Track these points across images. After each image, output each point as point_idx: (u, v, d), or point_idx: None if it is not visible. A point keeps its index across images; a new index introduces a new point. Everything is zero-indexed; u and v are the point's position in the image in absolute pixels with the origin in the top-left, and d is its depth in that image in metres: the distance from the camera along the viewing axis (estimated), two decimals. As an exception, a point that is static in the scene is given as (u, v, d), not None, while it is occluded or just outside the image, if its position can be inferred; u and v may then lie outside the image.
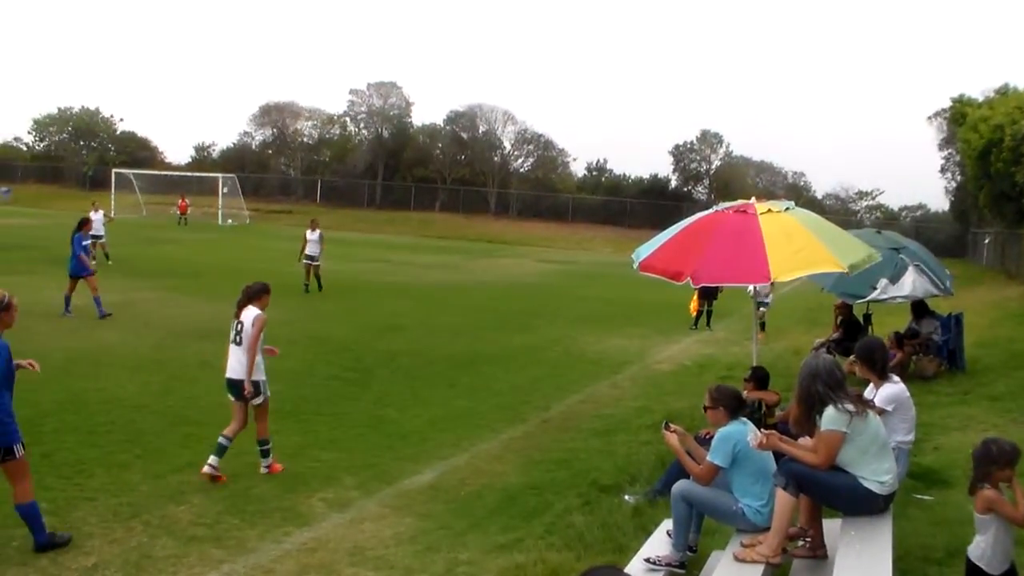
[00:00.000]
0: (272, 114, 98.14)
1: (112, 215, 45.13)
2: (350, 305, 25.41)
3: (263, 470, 10.76)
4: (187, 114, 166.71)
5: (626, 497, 9.74)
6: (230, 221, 68.80)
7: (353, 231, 67.06)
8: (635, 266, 10.47)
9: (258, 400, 10.63)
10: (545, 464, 11.56)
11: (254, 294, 11.14)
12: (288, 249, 35.63)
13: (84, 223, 21.78)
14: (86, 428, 11.94)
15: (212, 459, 10.33)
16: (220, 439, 10.47)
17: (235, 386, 10.61)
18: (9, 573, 7.78)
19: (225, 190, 72.16)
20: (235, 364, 10.66)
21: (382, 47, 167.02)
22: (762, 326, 21.71)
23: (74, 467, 10.37)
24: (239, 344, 10.72)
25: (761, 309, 21.69)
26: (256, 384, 10.59)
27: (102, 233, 34.24)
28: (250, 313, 10.87)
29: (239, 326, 10.82)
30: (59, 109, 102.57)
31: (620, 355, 20.02)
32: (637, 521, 8.89)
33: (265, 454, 10.77)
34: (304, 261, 28.11)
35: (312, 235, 28.09)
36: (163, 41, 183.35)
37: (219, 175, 74.05)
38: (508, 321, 24.54)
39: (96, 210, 35.36)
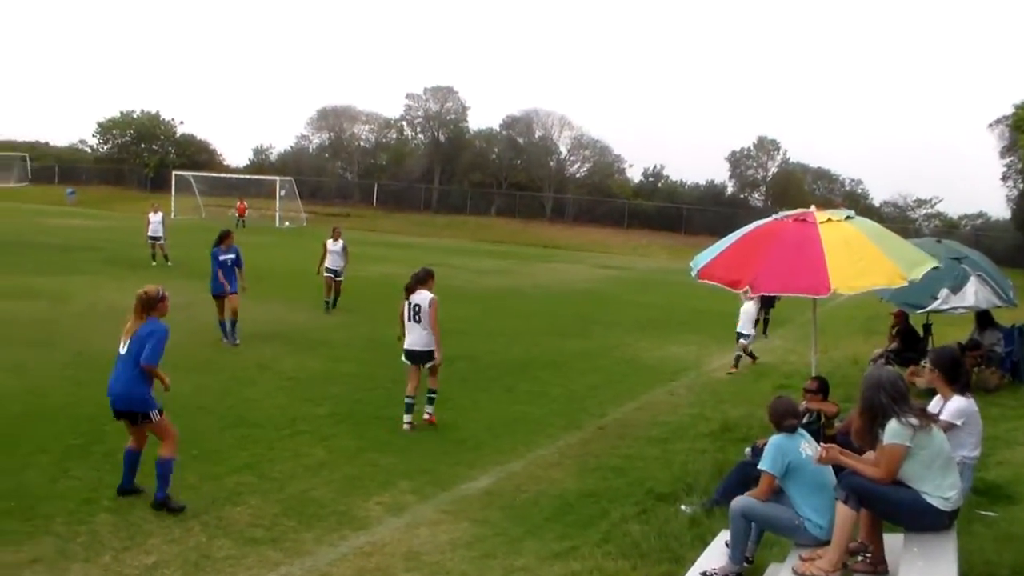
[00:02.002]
0: (329, 118, 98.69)
1: (172, 216, 45.59)
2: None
3: (425, 416, 13.24)
4: (245, 117, 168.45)
5: (683, 507, 9.68)
6: (287, 224, 69.29)
7: (410, 235, 67.32)
8: (694, 274, 10.39)
9: (434, 364, 13.06)
10: (601, 471, 11.52)
11: (422, 279, 13.17)
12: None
13: (224, 236, 19.51)
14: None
15: (407, 417, 12.88)
16: (406, 400, 12.98)
17: (417, 355, 13.02)
18: (73, 568, 7.87)
19: (283, 193, 72.64)
20: (416, 339, 12.99)
21: (439, 52, 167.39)
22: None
23: (135, 467, 10.47)
24: (419, 322, 12.94)
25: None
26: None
27: (161, 234, 34.59)
28: (424, 296, 12.96)
29: (416, 307, 12.94)
30: (122, 113, 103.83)
31: (676, 362, 19.92)
32: (694, 531, 8.83)
33: (431, 401, 13.25)
34: (325, 274, 24.64)
35: (334, 246, 24.73)
36: (222, 46, 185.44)
37: (276, 178, 74.53)
38: (564, 327, 24.49)
39: (156, 211, 35.73)
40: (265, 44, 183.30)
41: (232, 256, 18.94)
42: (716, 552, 7.65)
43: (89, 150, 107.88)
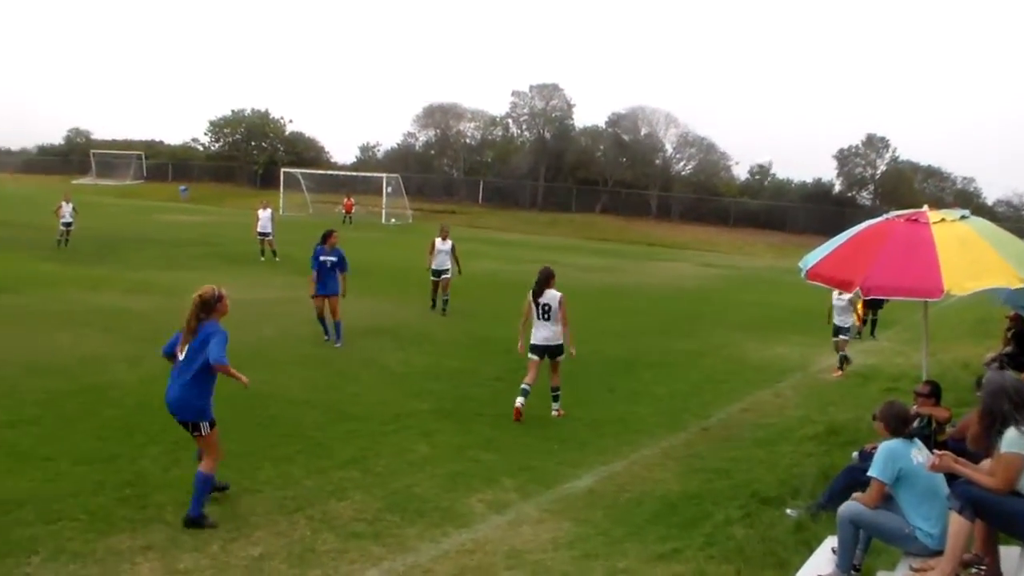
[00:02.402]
0: (436, 115, 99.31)
1: (281, 213, 46.28)
2: (512, 306, 25.35)
3: (554, 413, 13.71)
4: (352, 115, 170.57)
5: (788, 511, 9.52)
6: (394, 220, 69.91)
7: (514, 232, 67.47)
8: (803, 274, 10.21)
9: (561, 358, 13.71)
10: (705, 473, 11.39)
11: (548, 279, 13.64)
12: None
13: (327, 236, 18.99)
14: (253, 421, 12.27)
15: (520, 400, 13.31)
16: (523, 387, 13.44)
17: (548, 350, 13.64)
18: (184, 557, 8.04)
19: (389, 190, 73.32)
20: (548, 334, 13.61)
21: (544, 49, 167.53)
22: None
23: (242, 459, 10.62)
24: (548, 320, 13.57)
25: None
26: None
27: (270, 230, 35.20)
28: (553, 295, 13.55)
29: (546, 307, 13.54)
30: (232, 111, 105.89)
31: (782, 363, 19.65)
32: (799, 536, 8.68)
33: (556, 399, 13.83)
34: (432, 277, 23.88)
35: (443, 244, 23.80)
36: (331, 45, 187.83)
37: (383, 175, 75.28)
38: (669, 325, 24.33)
39: (265, 208, 36.35)
40: (372, 43, 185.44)
41: (334, 258, 18.54)
42: (822, 558, 7.51)
43: (201, 148, 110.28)
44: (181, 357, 8.95)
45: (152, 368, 15.01)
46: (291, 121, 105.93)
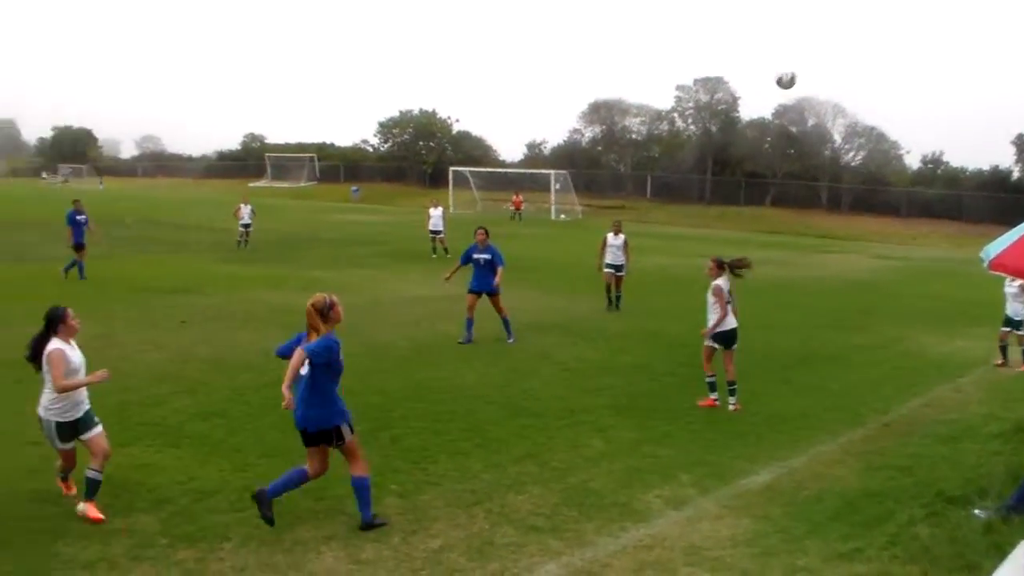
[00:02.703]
0: (601, 111, 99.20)
1: (451, 211, 46.92)
2: (683, 300, 25.08)
3: (731, 408, 13.63)
4: (519, 113, 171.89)
5: (976, 511, 9.22)
6: (563, 216, 70.16)
7: (682, 226, 66.93)
8: (985, 264, 9.86)
9: (736, 346, 13.82)
10: (886, 470, 11.09)
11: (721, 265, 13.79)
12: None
13: (475, 233, 18.71)
14: (430, 416, 12.52)
15: (714, 395, 13.76)
16: (708, 379, 13.83)
17: (732, 337, 13.76)
18: (366, 548, 8.26)
19: (557, 186, 73.59)
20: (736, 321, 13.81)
21: (708, 42, 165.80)
22: None
23: (420, 452, 10.90)
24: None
25: None
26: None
27: (441, 228, 35.78)
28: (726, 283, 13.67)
29: (731, 293, 13.71)
30: (400, 112, 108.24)
31: (962, 357, 18.98)
32: (989, 538, 8.41)
33: (733, 392, 13.73)
34: (606, 270, 23.33)
35: (615, 240, 23.36)
36: (496, 44, 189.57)
37: (551, 172, 75.55)
38: (842, 319, 23.79)
39: (435, 206, 36.98)
40: (537, 41, 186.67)
41: (487, 256, 18.25)
42: (1018, 564, 7.21)
43: (371, 149, 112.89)
44: (304, 372, 8.91)
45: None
46: (458, 120, 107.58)
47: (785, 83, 15.23)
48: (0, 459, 9.71)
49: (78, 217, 26.39)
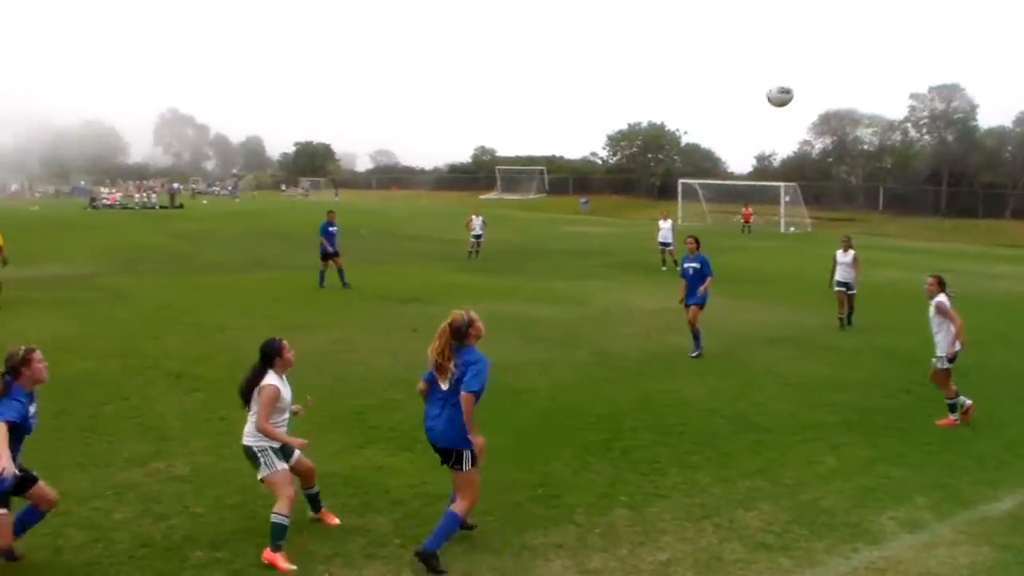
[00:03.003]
0: (832, 122, 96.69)
1: (679, 223, 46.70)
2: (916, 316, 23.88)
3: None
4: (747, 125, 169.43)
5: None
6: (792, 229, 68.73)
7: (916, 240, 64.38)
8: None
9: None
10: None
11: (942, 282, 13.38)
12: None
13: (686, 240, 18.71)
14: (660, 428, 12.48)
15: (954, 415, 13.20)
16: (948, 401, 13.26)
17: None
18: (593, 557, 8.31)
19: (787, 199, 72.17)
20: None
21: (944, 48, 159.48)
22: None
23: (650, 464, 10.88)
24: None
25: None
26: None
27: (670, 240, 35.62)
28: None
29: None
30: (629, 125, 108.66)
31: None
32: None
33: (952, 408, 13.27)
34: (836, 288, 22.51)
35: (844, 257, 22.55)
36: (723, 55, 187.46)
37: (780, 184, 74.16)
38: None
39: (665, 219, 36.87)
40: (767, 51, 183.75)
41: (696, 264, 18.03)
42: None
43: (600, 162, 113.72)
44: (445, 387, 8.55)
45: (562, 374, 15.73)
46: (686, 133, 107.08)
47: (775, 100, 14.11)
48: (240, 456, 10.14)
49: (331, 228, 27.45)
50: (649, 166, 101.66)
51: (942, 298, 13.04)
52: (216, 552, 8.28)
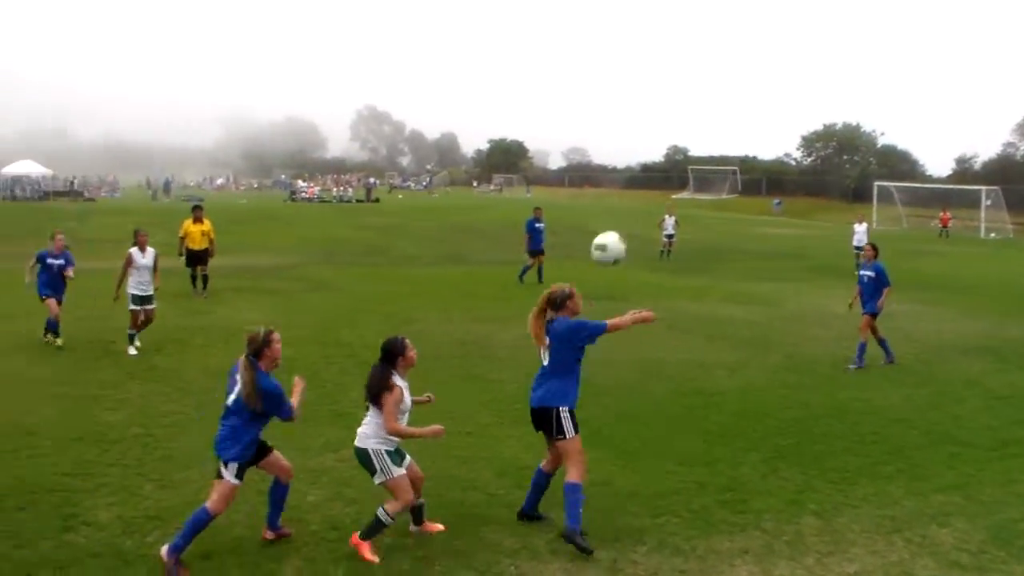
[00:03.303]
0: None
1: (874, 226, 45.59)
2: None
3: None
4: (947, 126, 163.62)
5: None
6: (992, 235, 66.19)
7: None
8: None
9: None
10: None
11: None
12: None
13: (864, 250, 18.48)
14: (852, 436, 12.24)
15: None
16: None
17: None
18: (779, 565, 8.22)
19: (988, 203, 69.46)
20: None
21: None
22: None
23: (840, 473, 10.68)
24: None
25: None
26: None
27: (864, 244, 34.84)
28: None
29: None
30: (824, 126, 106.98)
31: None
32: None
33: None
34: None
35: None
36: (923, 54, 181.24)
37: (981, 187, 71.39)
38: None
39: (860, 222, 36.16)
40: (965, 48, 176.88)
41: (871, 273, 17.51)
42: None
43: (793, 163, 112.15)
44: (545, 361, 8.79)
45: (753, 376, 15.63)
46: (883, 134, 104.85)
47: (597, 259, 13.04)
48: (433, 446, 10.37)
49: (537, 225, 27.84)
50: (844, 168, 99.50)
51: None
52: (404, 539, 8.53)
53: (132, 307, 16.74)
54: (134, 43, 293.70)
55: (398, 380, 8.32)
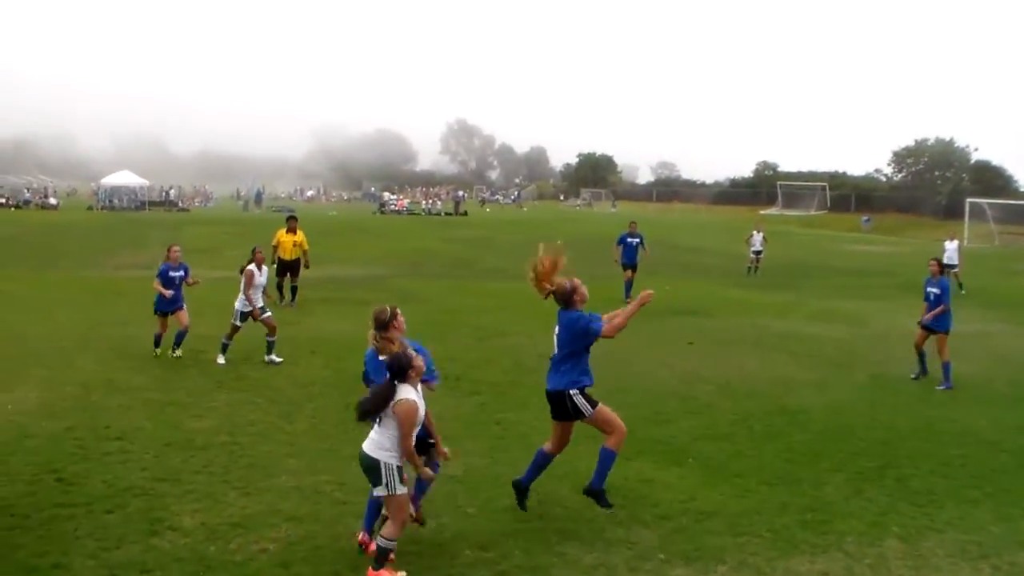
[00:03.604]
0: None
1: (966, 243, 44.79)
2: None
3: None
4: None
5: None
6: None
7: None
8: None
9: None
10: None
11: None
12: None
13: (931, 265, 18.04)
14: (939, 458, 12.04)
15: None
16: None
17: None
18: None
19: (1085, 219, 67.91)
20: None
21: None
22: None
23: (926, 496, 10.52)
24: None
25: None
26: None
27: (956, 262, 34.23)
28: None
29: None
30: (915, 141, 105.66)
31: None
32: None
33: None
34: None
35: None
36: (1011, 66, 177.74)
37: (1078, 203, 69.77)
38: None
39: (952, 239, 35.52)
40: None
41: (936, 290, 17.20)
42: None
43: (884, 179, 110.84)
44: (556, 348, 9.53)
45: (839, 395, 15.47)
46: (977, 150, 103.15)
47: None
48: (513, 462, 10.45)
49: (630, 239, 27.91)
50: (936, 184, 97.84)
51: None
52: (484, 552, 8.57)
53: (237, 323, 17.06)
54: (229, 57, 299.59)
55: (410, 393, 7.96)
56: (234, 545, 8.55)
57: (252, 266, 17.08)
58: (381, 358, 8.58)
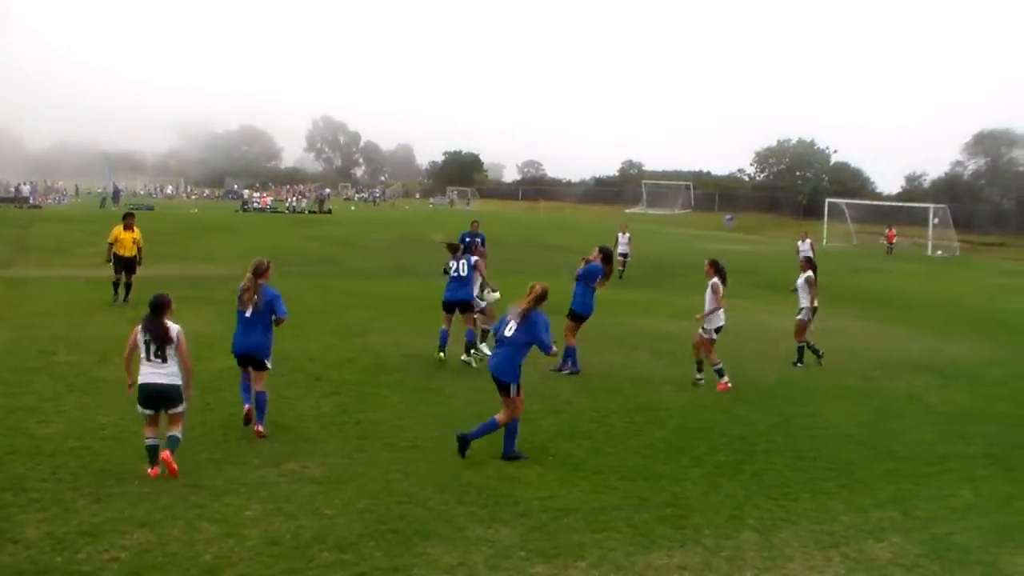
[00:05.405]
0: (986, 143, 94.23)
1: (823, 243, 46.04)
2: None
3: None
4: (898, 144, 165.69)
5: None
6: (939, 252, 67.07)
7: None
8: None
9: None
10: None
11: None
12: (1004, 285, 33.96)
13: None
14: (793, 452, 12.31)
15: None
16: None
17: None
18: None
19: (935, 221, 70.44)
20: None
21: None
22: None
23: (780, 488, 10.75)
24: None
25: None
26: None
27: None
28: None
29: None
30: (778, 142, 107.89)
31: None
32: None
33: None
34: None
35: None
36: (874, 71, 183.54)
37: (930, 206, 72.34)
38: None
39: (804, 239, 36.57)
40: (919, 69, 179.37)
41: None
42: None
43: (746, 179, 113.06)
44: (508, 334, 11.75)
45: (698, 393, 15.70)
46: (835, 151, 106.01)
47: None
48: (374, 461, 10.34)
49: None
50: (796, 184, 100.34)
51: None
52: (343, 554, 8.42)
53: None
54: (88, 47, 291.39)
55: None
56: (83, 555, 8.18)
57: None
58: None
